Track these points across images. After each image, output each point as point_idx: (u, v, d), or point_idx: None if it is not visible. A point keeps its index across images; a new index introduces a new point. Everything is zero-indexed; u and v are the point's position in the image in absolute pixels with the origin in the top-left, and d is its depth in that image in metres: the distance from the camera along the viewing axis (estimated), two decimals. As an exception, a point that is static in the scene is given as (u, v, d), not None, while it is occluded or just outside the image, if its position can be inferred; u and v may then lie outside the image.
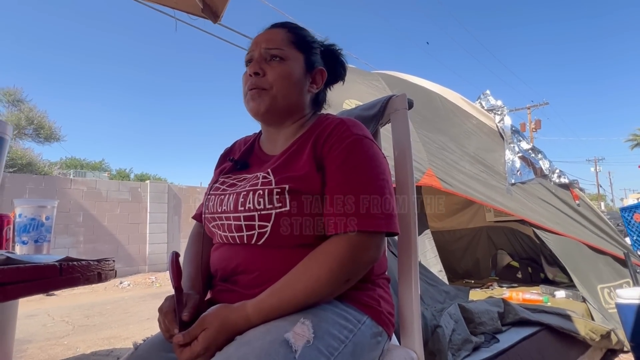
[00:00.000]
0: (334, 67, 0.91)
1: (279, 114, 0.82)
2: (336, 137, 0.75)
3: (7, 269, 0.49)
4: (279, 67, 0.80)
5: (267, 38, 0.83)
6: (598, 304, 2.27)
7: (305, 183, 0.71)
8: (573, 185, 2.89)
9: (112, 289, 6.25)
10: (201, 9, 1.56)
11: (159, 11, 3.93)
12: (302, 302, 0.64)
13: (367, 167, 0.72)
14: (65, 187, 6.93)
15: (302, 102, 0.84)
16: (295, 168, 0.74)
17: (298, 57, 0.83)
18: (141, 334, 3.27)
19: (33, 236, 0.97)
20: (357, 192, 0.69)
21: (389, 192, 0.72)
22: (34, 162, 9.70)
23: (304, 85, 0.83)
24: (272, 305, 0.64)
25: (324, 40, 0.91)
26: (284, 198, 0.70)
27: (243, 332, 0.62)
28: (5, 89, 10.20)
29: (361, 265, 0.69)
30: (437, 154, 2.50)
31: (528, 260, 3.47)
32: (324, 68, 0.88)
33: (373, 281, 0.77)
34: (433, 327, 1.46)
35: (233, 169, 0.85)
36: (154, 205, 8.00)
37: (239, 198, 0.74)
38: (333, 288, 0.67)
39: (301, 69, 0.83)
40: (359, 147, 0.73)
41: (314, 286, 0.64)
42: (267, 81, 0.79)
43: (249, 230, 0.72)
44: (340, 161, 0.72)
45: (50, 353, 2.86)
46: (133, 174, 20.26)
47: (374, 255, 0.69)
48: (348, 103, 2.60)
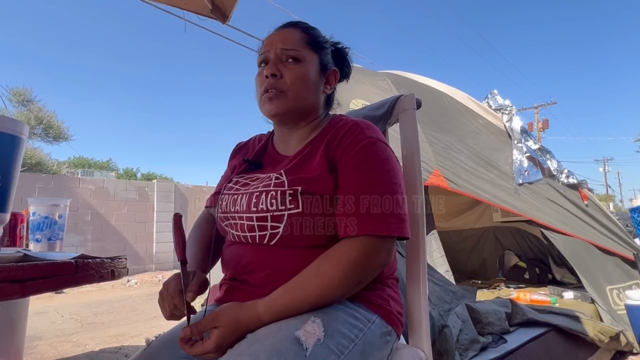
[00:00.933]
0: (341, 66, 0.91)
1: (296, 116, 0.82)
2: (350, 140, 0.75)
3: (26, 265, 0.50)
4: (296, 69, 0.79)
5: (283, 38, 0.81)
6: (607, 305, 2.25)
7: (318, 185, 0.72)
8: (582, 185, 2.87)
9: (119, 287, 6.31)
10: (210, 9, 1.58)
11: (168, 12, 3.96)
12: (313, 304, 0.65)
13: (381, 170, 0.72)
14: (73, 186, 7.01)
15: (317, 103, 0.84)
16: (308, 170, 0.74)
17: (313, 59, 0.82)
18: (149, 332, 3.30)
19: (46, 234, 0.99)
20: (370, 194, 0.70)
21: (401, 196, 0.72)
22: (43, 162, 9.81)
23: (319, 86, 0.83)
24: (283, 305, 0.65)
25: (330, 37, 0.90)
26: (297, 199, 0.70)
27: (254, 331, 0.63)
28: (15, 89, 10.33)
29: (373, 269, 0.69)
30: (444, 154, 2.49)
31: (536, 261, 3.44)
32: (336, 68, 0.88)
33: (382, 281, 0.77)
34: (440, 327, 1.46)
35: (247, 169, 0.86)
36: (160, 204, 8.06)
37: (252, 198, 0.74)
38: (344, 290, 0.67)
39: (316, 70, 0.82)
40: (373, 150, 0.73)
41: (326, 288, 0.65)
42: (284, 83, 0.78)
43: (261, 231, 0.72)
44: (354, 164, 0.72)
45: (60, 350, 2.89)
46: (140, 173, 20.43)
47: (385, 259, 0.70)
48: (355, 103, 2.60)
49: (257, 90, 0.82)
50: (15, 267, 0.49)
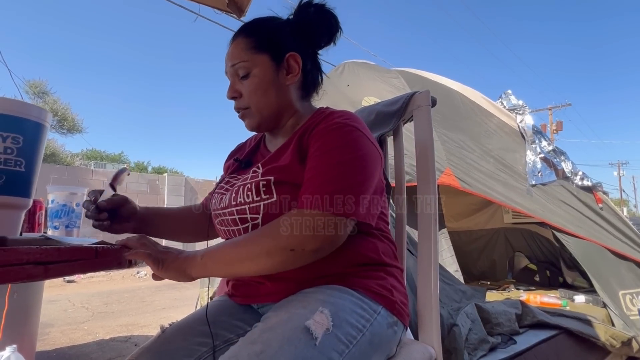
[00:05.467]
0: (312, 30, 0.82)
1: (271, 122, 0.82)
2: (321, 127, 0.74)
3: (50, 248, 0.51)
4: (248, 84, 0.79)
5: (230, 53, 0.81)
6: (619, 310, 2.22)
7: (289, 173, 0.72)
8: (596, 188, 2.82)
9: (129, 278, 6.41)
10: (226, 3, 1.58)
11: (183, 7, 3.99)
12: (244, 260, 0.67)
13: (340, 152, 0.69)
14: (86, 177, 7.14)
15: (285, 100, 0.81)
16: (280, 160, 0.76)
17: (262, 60, 0.79)
18: (158, 322, 3.33)
19: (64, 222, 1.01)
20: (328, 174, 0.68)
21: (362, 178, 0.69)
22: (57, 153, 9.99)
23: (278, 83, 0.80)
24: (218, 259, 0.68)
25: (293, 9, 0.83)
26: (270, 189, 0.72)
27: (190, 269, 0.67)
28: (32, 81, 10.51)
29: (314, 240, 0.65)
30: (456, 153, 2.47)
31: (546, 263, 3.40)
32: (296, 50, 0.80)
33: (385, 269, 0.77)
34: (449, 326, 1.45)
35: (238, 168, 0.88)
36: (171, 197, 8.17)
37: (232, 193, 0.77)
38: (273, 252, 0.65)
39: (269, 69, 0.79)
40: (337, 132, 0.71)
41: (256, 252, 0.66)
42: (244, 101, 0.80)
43: (243, 224, 0.74)
44: (317, 146, 0.72)
45: (71, 337, 2.96)
46: (150, 167, 20.63)
47: (333, 238, 0.66)
48: (367, 100, 2.60)
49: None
50: (39, 250, 0.50)
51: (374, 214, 0.75)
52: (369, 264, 0.75)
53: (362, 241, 0.75)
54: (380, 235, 0.79)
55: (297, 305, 0.66)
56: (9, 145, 0.60)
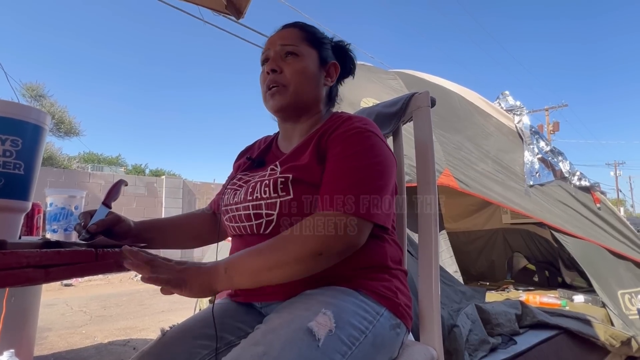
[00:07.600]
0: (344, 61, 0.93)
1: (298, 109, 0.85)
2: (341, 130, 0.77)
3: (50, 251, 0.51)
4: (295, 63, 0.83)
5: (282, 36, 0.86)
6: (618, 309, 2.22)
7: (307, 173, 0.74)
8: (594, 188, 2.83)
9: (127, 281, 6.38)
10: (225, 5, 1.58)
11: (181, 10, 3.99)
12: (272, 267, 0.64)
13: (363, 157, 0.72)
14: (84, 180, 7.11)
15: (318, 96, 0.87)
16: (300, 159, 0.77)
17: (312, 53, 0.86)
18: (156, 326, 3.33)
19: (63, 225, 1.00)
20: (349, 178, 0.70)
21: (382, 184, 0.71)
22: (54, 156, 9.93)
23: (319, 79, 0.86)
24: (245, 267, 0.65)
25: (332, 37, 0.95)
26: (288, 187, 0.73)
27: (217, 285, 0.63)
28: (28, 84, 10.46)
29: (336, 243, 0.66)
30: (455, 154, 2.48)
31: (545, 263, 3.40)
32: (336, 61, 0.90)
33: (390, 272, 0.77)
34: (450, 327, 1.45)
35: (250, 166, 0.89)
36: (169, 200, 8.14)
37: (248, 189, 0.78)
38: (302, 258, 0.65)
39: (315, 63, 0.86)
40: (357, 137, 0.75)
41: (282, 255, 0.64)
42: (285, 77, 0.82)
43: (257, 219, 0.75)
44: (337, 150, 0.74)
45: (70, 341, 2.94)
46: (148, 170, 20.59)
47: (353, 239, 0.67)
48: (365, 101, 2.60)
49: (262, 88, 0.87)
50: (40, 253, 0.49)
51: (391, 218, 0.76)
52: (375, 266, 0.75)
53: (372, 244, 0.75)
54: (389, 239, 0.80)
55: (299, 306, 0.65)
56: (8, 148, 0.60)
